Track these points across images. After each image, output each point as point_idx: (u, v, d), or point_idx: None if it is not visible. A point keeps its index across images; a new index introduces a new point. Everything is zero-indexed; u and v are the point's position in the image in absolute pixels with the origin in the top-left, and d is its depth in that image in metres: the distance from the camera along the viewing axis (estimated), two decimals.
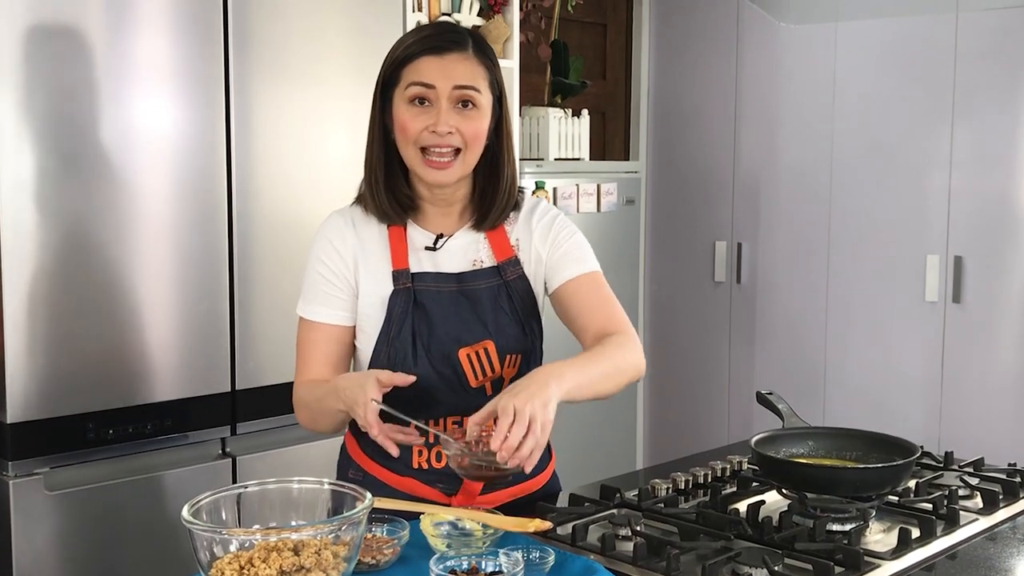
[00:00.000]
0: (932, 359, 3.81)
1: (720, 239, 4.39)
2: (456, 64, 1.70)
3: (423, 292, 1.74)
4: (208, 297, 2.52)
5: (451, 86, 1.69)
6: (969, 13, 3.65)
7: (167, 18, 2.42)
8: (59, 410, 2.30)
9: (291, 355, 2.67)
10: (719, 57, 4.36)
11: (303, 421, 1.81)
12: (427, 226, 1.80)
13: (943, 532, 1.70)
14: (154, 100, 2.41)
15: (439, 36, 1.73)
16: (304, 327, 1.79)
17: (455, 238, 1.79)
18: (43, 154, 2.25)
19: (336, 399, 1.65)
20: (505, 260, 1.79)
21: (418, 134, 1.70)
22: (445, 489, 1.77)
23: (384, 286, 1.74)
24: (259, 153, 2.60)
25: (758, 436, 1.90)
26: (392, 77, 1.74)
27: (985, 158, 3.66)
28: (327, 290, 1.76)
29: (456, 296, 1.75)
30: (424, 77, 1.69)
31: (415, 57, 1.71)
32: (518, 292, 1.79)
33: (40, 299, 2.26)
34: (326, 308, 1.77)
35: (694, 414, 4.50)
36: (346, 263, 1.76)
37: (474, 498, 1.76)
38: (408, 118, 1.71)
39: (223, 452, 2.59)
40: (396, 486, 1.77)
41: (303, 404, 1.77)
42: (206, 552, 1.34)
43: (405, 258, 1.75)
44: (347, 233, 1.78)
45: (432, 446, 1.75)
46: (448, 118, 1.69)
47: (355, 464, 1.83)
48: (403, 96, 1.72)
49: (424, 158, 1.71)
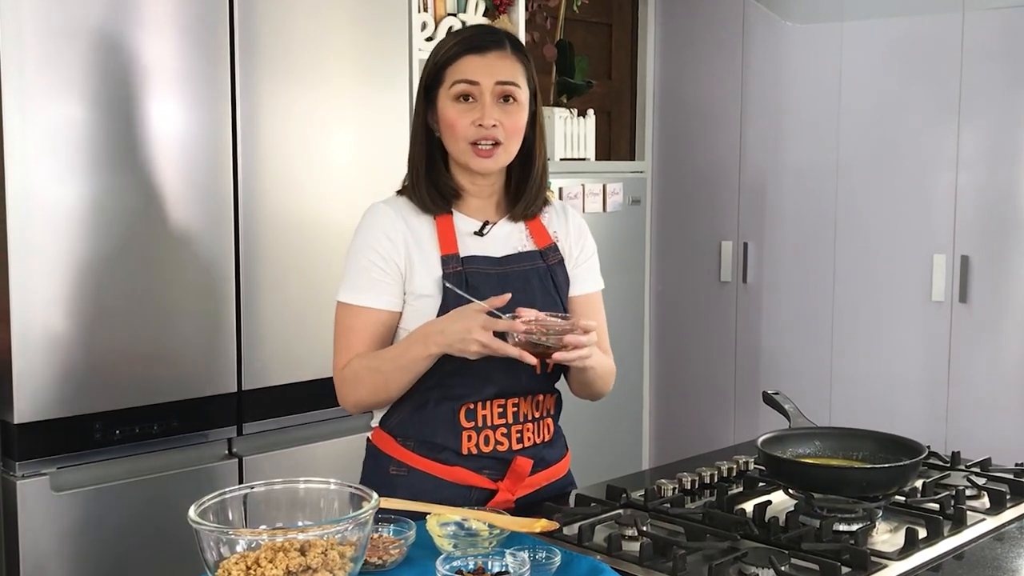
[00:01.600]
0: (938, 359, 3.80)
1: (726, 239, 4.38)
2: (497, 61, 1.83)
3: (474, 274, 1.84)
4: (214, 297, 2.52)
5: (494, 82, 1.82)
6: (975, 12, 3.65)
7: (173, 20, 2.43)
8: (66, 411, 2.30)
9: (297, 355, 2.69)
10: (724, 57, 4.36)
11: (360, 394, 1.85)
12: (471, 214, 1.91)
13: (950, 532, 1.69)
14: (160, 101, 2.41)
15: (479, 36, 1.86)
16: (348, 313, 1.86)
17: (499, 226, 1.92)
18: (50, 156, 2.26)
19: (426, 345, 1.74)
20: (546, 247, 1.93)
21: (466, 129, 1.82)
22: (492, 475, 1.85)
23: (435, 270, 1.84)
24: (265, 154, 2.60)
25: (764, 436, 1.90)
26: (436, 78, 1.86)
27: (991, 157, 3.66)
28: (376, 276, 1.84)
29: (504, 277, 1.86)
30: (468, 75, 1.82)
31: (457, 57, 1.84)
32: (559, 276, 1.93)
33: (47, 300, 2.26)
34: (374, 294, 1.84)
35: (700, 414, 4.50)
36: (397, 250, 1.85)
37: (521, 481, 1.85)
38: (455, 115, 1.83)
39: (229, 452, 2.59)
40: (445, 476, 1.84)
41: (361, 377, 1.83)
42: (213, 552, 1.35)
43: (454, 243, 1.85)
44: (397, 222, 1.86)
45: (481, 430, 1.83)
46: (492, 112, 1.82)
47: (395, 460, 1.87)
48: (448, 94, 1.84)
49: (473, 148, 1.83)
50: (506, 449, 1.85)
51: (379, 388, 1.83)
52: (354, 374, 1.84)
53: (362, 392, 1.84)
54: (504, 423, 1.85)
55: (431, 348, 1.74)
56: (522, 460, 1.85)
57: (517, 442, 1.86)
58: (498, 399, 1.84)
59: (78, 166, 2.30)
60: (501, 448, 1.85)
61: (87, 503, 2.34)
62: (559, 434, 1.97)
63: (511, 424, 1.85)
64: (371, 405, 1.88)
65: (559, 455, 1.96)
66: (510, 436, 1.86)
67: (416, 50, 2.98)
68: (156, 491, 2.43)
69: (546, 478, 1.92)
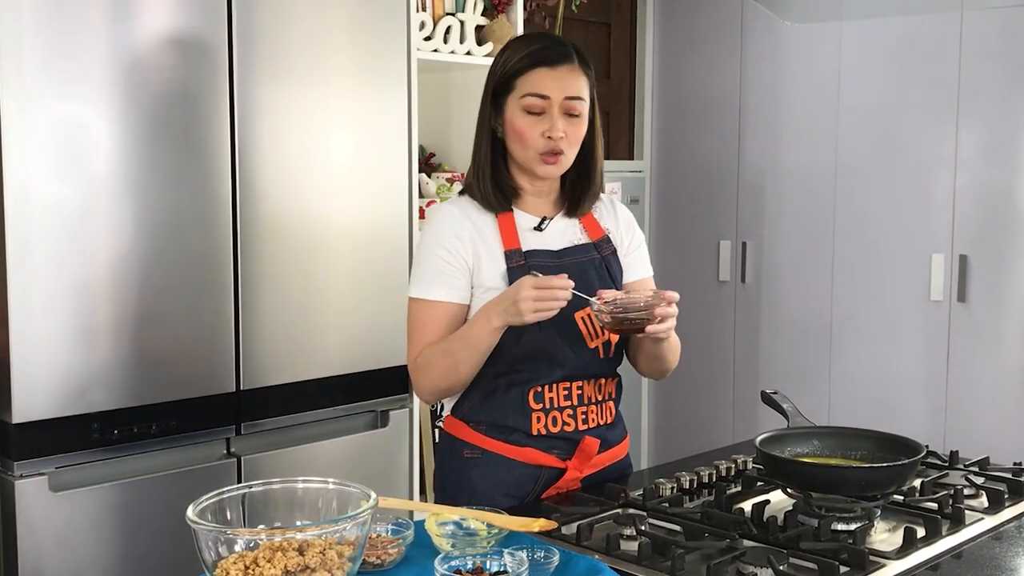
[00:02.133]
0: (937, 358, 3.80)
1: (725, 238, 4.38)
2: (566, 75, 1.94)
3: (536, 266, 1.95)
4: (213, 297, 2.52)
5: (563, 97, 1.93)
6: (974, 12, 3.65)
7: (170, 19, 2.42)
8: (64, 410, 2.30)
9: (295, 355, 2.69)
10: (723, 56, 4.36)
11: (433, 379, 1.94)
12: (529, 211, 2.02)
13: (948, 531, 1.70)
14: (158, 100, 2.41)
15: (550, 49, 1.95)
16: (421, 307, 1.97)
17: (555, 221, 2.03)
18: (47, 156, 2.26)
19: (488, 319, 1.85)
20: (599, 239, 2.06)
21: (535, 140, 1.94)
22: (560, 454, 1.97)
23: (500, 264, 1.95)
24: (264, 153, 2.60)
25: (763, 435, 1.90)
26: (506, 87, 1.96)
27: (990, 157, 3.66)
28: (446, 271, 1.95)
29: (563, 269, 1.95)
30: (540, 89, 1.92)
31: (529, 69, 1.94)
32: (613, 266, 2.05)
33: (45, 300, 2.26)
34: (446, 288, 1.95)
35: (699, 414, 4.50)
36: (464, 246, 1.96)
37: (589, 460, 1.97)
38: (525, 126, 1.94)
39: (228, 452, 2.59)
40: (516, 457, 1.95)
41: (433, 361, 1.93)
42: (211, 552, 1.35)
43: (516, 239, 1.97)
44: (463, 220, 1.98)
45: (549, 411, 1.95)
46: (559, 125, 1.93)
47: (469, 444, 1.99)
48: (518, 104, 1.94)
49: (539, 156, 1.95)
50: (572, 429, 1.97)
51: (450, 370, 1.91)
52: (426, 360, 1.94)
53: (435, 376, 1.94)
54: (570, 405, 1.97)
55: (493, 321, 1.84)
56: (590, 440, 1.97)
57: (583, 423, 1.98)
58: (563, 382, 1.96)
59: (77, 166, 2.30)
60: (568, 428, 1.96)
61: (85, 503, 2.34)
62: (619, 417, 2.09)
63: (576, 406, 1.97)
64: (444, 391, 1.97)
65: (620, 437, 2.08)
66: (575, 417, 1.97)
67: (415, 49, 2.98)
68: (154, 491, 2.43)
69: (609, 458, 2.03)
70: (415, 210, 2.99)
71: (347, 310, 2.80)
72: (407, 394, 2.95)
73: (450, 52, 3.23)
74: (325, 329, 2.75)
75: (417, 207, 3.03)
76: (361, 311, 2.83)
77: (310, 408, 2.73)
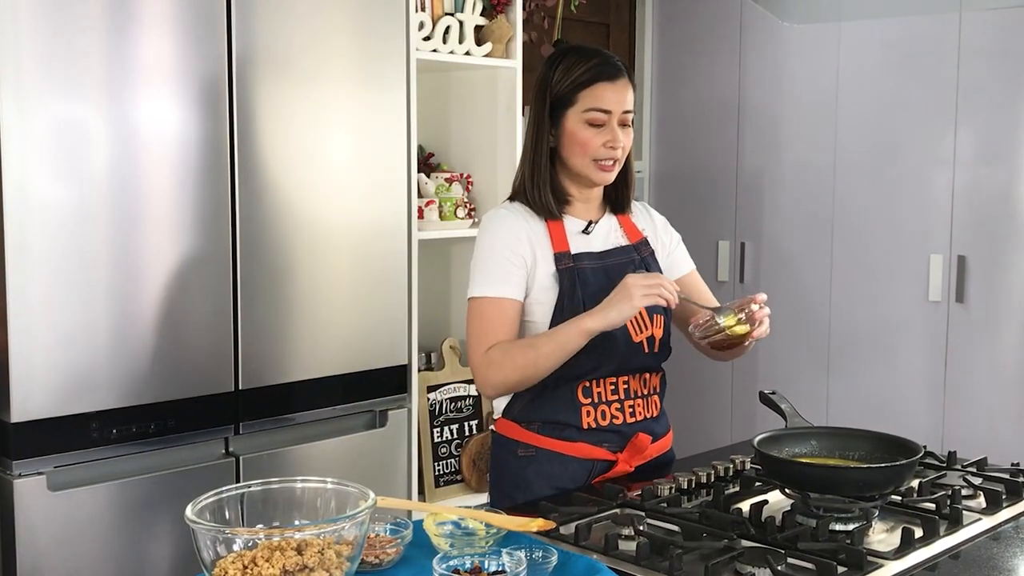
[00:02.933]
0: (935, 359, 3.80)
1: (723, 239, 4.39)
2: (623, 90, 2.08)
3: (584, 267, 2.08)
4: (212, 297, 2.52)
5: (621, 110, 2.08)
6: (972, 12, 3.65)
7: (171, 19, 2.42)
8: (63, 410, 2.30)
9: (294, 354, 2.69)
10: (722, 57, 4.36)
11: (507, 371, 2.01)
12: (577, 215, 2.14)
13: (946, 532, 1.70)
14: (157, 101, 2.41)
15: (608, 64, 2.08)
16: (489, 304, 2.05)
17: (600, 224, 2.16)
18: (47, 155, 2.26)
19: (581, 321, 1.94)
20: (638, 241, 2.18)
21: (596, 150, 2.07)
22: (611, 447, 2.07)
23: (551, 265, 2.07)
24: (263, 154, 2.60)
25: (761, 436, 1.90)
26: (567, 99, 2.08)
27: (988, 157, 3.66)
28: (510, 270, 2.05)
29: (607, 269, 2.09)
30: (603, 103, 2.06)
31: (592, 83, 2.06)
32: (651, 267, 2.16)
33: (44, 299, 2.26)
34: (509, 286, 2.05)
35: (697, 414, 4.50)
36: (525, 247, 2.07)
37: (641, 454, 2.08)
38: (588, 137, 2.07)
39: (227, 452, 2.59)
40: (569, 452, 2.05)
41: (512, 354, 2.00)
42: (210, 551, 1.35)
43: (565, 241, 2.09)
44: (521, 223, 2.09)
45: (597, 405, 2.06)
46: (619, 136, 2.07)
47: (522, 444, 2.09)
48: (580, 117, 2.07)
49: (596, 164, 2.08)
50: (621, 422, 2.08)
51: (531, 364, 1.98)
52: (503, 352, 2.01)
53: (509, 368, 2.00)
54: (617, 399, 2.08)
55: (587, 323, 1.94)
56: (643, 436, 2.09)
57: (630, 416, 2.09)
58: (610, 377, 2.07)
59: (75, 165, 2.30)
60: (616, 421, 2.08)
61: (84, 502, 2.34)
62: (663, 411, 2.19)
63: (623, 400, 2.09)
64: (515, 385, 2.04)
65: (665, 429, 2.19)
66: (623, 411, 2.09)
67: (414, 50, 2.98)
68: (153, 490, 2.43)
69: (656, 450, 2.14)
70: (414, 210, 2.99)
71: (346, 310, 2.80)
72: (405, 394, 2.96)
73: (449, 52, 3.23)
74: (324, 329, 2.75)
75: (416, 207, 3.03)
76: (360, 311, 2.83)
77: (309, 408, 2.73)
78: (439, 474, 3.33)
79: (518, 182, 2.16)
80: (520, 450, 2.09)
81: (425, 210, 3.21)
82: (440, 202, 3.26)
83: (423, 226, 3.17)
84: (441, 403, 3.34)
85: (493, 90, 3.43)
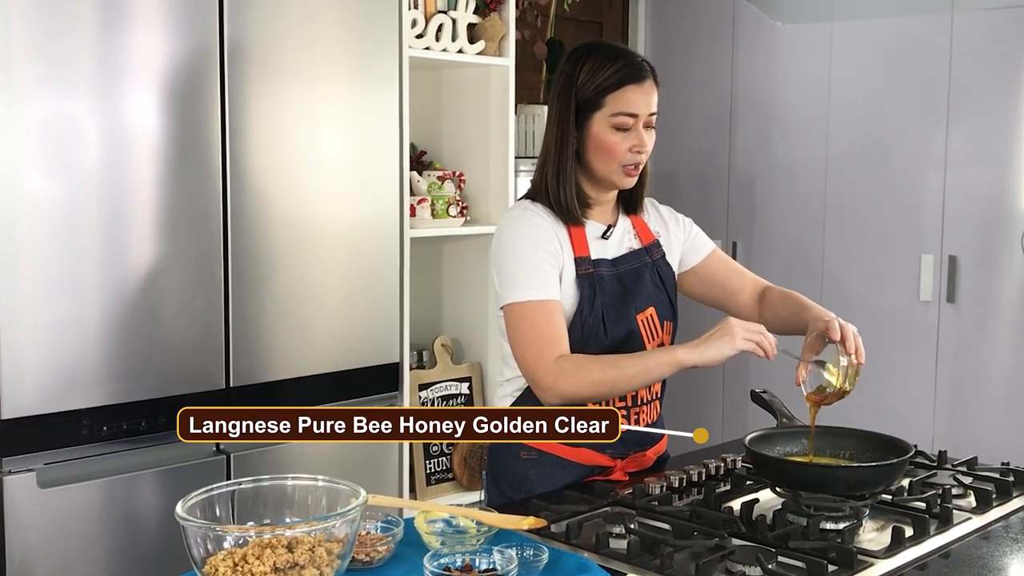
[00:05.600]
0: (926, 358, 3.81)
1: (715, 238, 4.36)
2: (650, 93, 2.02)
3: (602, 273, 2.03)
4: (203, 295, 2.52)
5: (647, 113, 2.02)
6: (964, 13, 3.66)
7: (162, 17, 2.42)
8: (53, 406, 2.29)
9: (285, 352, 2.69)
10: (715, 56, 4.36)
11: (581, 384, 1.90)
12: (595, 219, 2.08)
13: (936, 531, 1.70)
14: (149, 98, 2.40)
15: (634, 65, 2.01)
16: (537, 309, 1.95)
17: (617, 227, 2.11)
18: (36, 151, 2.25)
19: (673, 351, 1.91)
20: (650, 243, 2.15)
21: (623, 154, 2.01)
22: (613, 453, 2.05)
23: (571, 269, 2.01)
24: (254, 152, 2.59)
25: (752, 435, 1.91)
26: (594, 102, 1.99)
27: (980, 158, 3.67)
28: (549, 271, 1.98)
29: (622, 275, 2.06)
30: (631, 107, 1.98)
31: (619, 86, 1.99)
32: (664, 270, 2.14)
33: (34, 296, 2.25)
34: (551, 287, 1.97)
35: (688, 413, 4.50)
36: (557, 247, 2.00)
37: (641, 460, 2.08)
38: (615, 142, 2.00)
39: (217, 449, 2.59)
40: (572, 457, 2.02)
41: (589, 369, 1.90)
42: (200, 549, 1.35)
43: (586, 246, 2.04)
44: (548, 224, 2.02)
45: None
46: (644, 140, 2.02)
47: (525, 446, 2.04)
48: (607, 121, 1.99)
49: (622, 168, 2.03)
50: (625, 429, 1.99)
51: (607, 381, 1.90)
52: (578, 366, 1.91)
53: (583, 383, 1.90)
54: (624, 405, 2.04)
55: (679, 355, 1.90)
56: (651, 453, 2.11)
57: (634, 422, 2.06)
58: None
59: (65, 161, 2.29)
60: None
61: (74, 499, 2.33)
62: (661, 414, 2.19)
63: (630, 407, 2.05)
64: (584, 398, 1.92)
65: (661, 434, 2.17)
66: (628, 417, 2.05)
67: (406, 47, 2.98)
68: (143, 487, 2.43)
69: (655, 453, 2.15)
70: (406, 208, 2.99)
71: (338, 308, 2.80)
72: (397, 392, 2.95)
73: (442, 50, 3.23)
74: (316, 327, 2.75)
75: (408, 205, 3.03)
76: (352, 309, 2.83)
77: (300, 405, 2.72)
78: (430, 472, 3.33)
79: (539, 183, 2.06)
80: (523, 452, 2.05)
81: (417, 208, 3.20)
82: (432, 200, 3.26)
83: (415, 224, 3.17)
84: (432, 401, 3.34)
85: (486, 88, 3.43)
